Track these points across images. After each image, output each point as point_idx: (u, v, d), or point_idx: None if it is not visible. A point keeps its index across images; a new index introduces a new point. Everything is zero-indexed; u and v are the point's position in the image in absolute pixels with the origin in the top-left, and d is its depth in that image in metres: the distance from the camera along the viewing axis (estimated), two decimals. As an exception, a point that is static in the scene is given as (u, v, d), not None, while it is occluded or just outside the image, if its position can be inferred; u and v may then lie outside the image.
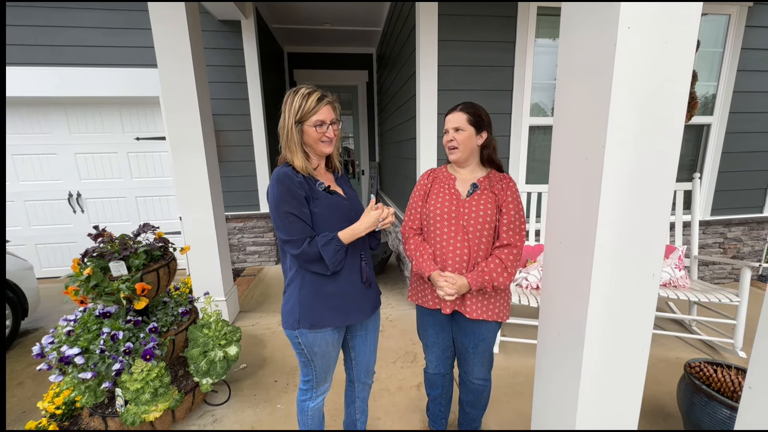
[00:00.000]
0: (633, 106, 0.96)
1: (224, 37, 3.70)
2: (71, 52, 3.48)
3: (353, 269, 1.30)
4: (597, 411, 1.17)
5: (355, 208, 1.35)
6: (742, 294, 2.23)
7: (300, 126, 1.21)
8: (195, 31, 2.45)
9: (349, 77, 5.77)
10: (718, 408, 1.51)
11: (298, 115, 1.20)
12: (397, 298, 3.35)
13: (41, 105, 3.68)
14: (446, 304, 1.40)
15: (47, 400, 1.87)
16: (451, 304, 1.40)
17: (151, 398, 1.61)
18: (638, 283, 1.08)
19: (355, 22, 4.53)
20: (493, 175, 1.42)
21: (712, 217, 3.35)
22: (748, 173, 3.30)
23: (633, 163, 0.99)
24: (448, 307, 1.40)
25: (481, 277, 1.32)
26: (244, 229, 4.17)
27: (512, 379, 2.17)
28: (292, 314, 1.26)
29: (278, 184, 1.18)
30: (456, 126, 1.37)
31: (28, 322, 3.02)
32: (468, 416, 1.64)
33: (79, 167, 3.90)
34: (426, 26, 2.58)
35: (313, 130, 1.22)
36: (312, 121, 1.21)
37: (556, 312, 1.25)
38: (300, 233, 1.19)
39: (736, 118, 3.15)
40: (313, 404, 1.42)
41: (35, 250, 3.99)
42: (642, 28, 0.92)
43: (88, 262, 1.61)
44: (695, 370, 1.67)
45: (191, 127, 2.47)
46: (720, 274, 3.54)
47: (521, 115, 2.85)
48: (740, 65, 3.04)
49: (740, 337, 2.31)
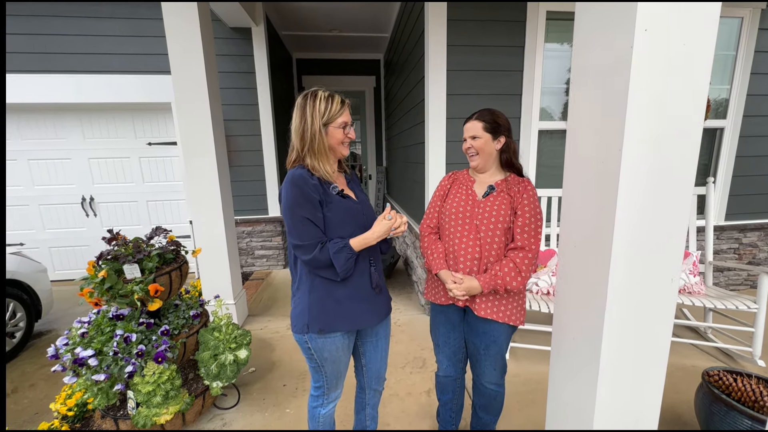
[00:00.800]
0: (650, 108, 0.95)
1: (235, 44, 3.76)
2: (86, 60, 3.57)
3: (363, 274, 1.29)
4: (615, 418, 1.14)
5: (366, 212, 1.34)
6: (761, 301, 2.17)
7: (326, 128, 1.21)
8: (207, 38, 2.49)
9: (357, 83, 5.81)
10: (738, 418, 1.46)
11: (325, 118, 1.19)
12: (405, 303, 3.34)
13: (57, 111, 3.77)
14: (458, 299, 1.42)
15: (59, 401, 1.89)
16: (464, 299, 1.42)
17: (163, 401, 1.61)
18: (657, 287, 1.06)
19: (363, 28, 4.57)
20: (512, 178, 1.44)
21: (726, 222, 3.29)
22: (763, 177, 3.24)
23: (651, 166, 0.98)
24: (460, 301, 1.42)
25: (494, 280, 1.32)
26: (253, 233, 4.19)
27: (524, 386, 2.13)
28: (301, 318, 1.25)
29: (293, 186, 1.16)
30: (472, 134, 1.41)
31: (41, 324, 3.06)
32: (481, 421, 1.62)
33: (92, 172, 3.97)
34: (435, 31, 2.59)
35: (340, 132, 1.22)
36: (338, 122, 1.21)
37: (572, 317, 1.23)
38: (312, 238, 1.17)
39: (750, 121, 3.10)
40: (324, 411, 1.41)
41: (49, 253, 4.06)
42: (659, 30, 0.92)
43: (102, 264, 1.63)
44: (714, 378, 1.63)
45: (203, 131, 2.50)
46: (735, 280, 3.46)
47: (530, 119, 2.84)
48: (753, 68, 3.00)
49: (759, 346, 2.24)
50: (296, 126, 1.21)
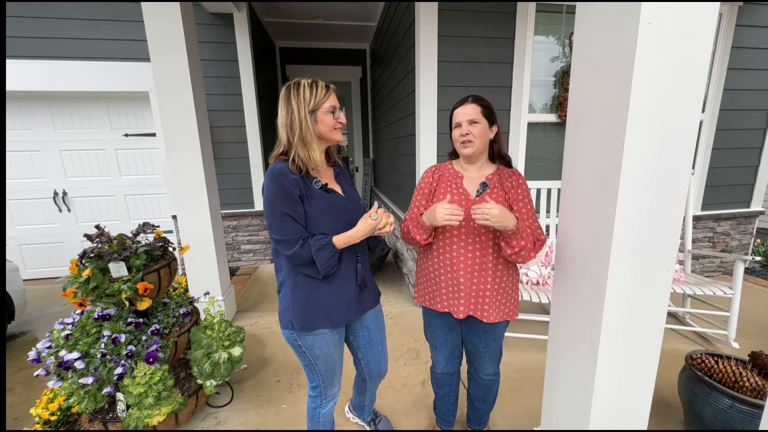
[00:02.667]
0: (652, 101, 0.96)
1: (216, 30, 3.60)
2: (54, 45, 3.34)
3: (348, 271, 1.27)
4: (611, 403, 1.18)
5: (353, 207, 1.30)
6: (736, 287, 2.29)
7: (314, 115, 1.17)
8: (189, 22, 2.37)
9: (343, 73, 5.70)
10: (719, 398, 1.55)
11: (311, 105, 1.16)
12: (396, 296, 3.34)
13: (24, 99, 3.53)
14: (459, 310, 1.32)
15: (41, 406, 1.81)
16: (464, 309, 1.32)
17: (155, 402, 1.56)
18: (653, 277, 1.09)
19: (349, 16, 4.47)
20: (502, 171, 1.37)
21: (702, 212, 3.44)
22: (737, 169, 3.39)
23: (652, 159, 0.99)
24: (461, 312, 1.32)
25: (527, 234, 1.24)
26: (239, 228, 4.09)
27: (515, 374, 2.19)
28: (285, 314, 1.25)
29: (273, 180, 1.14)
30: (471, 118, 1.30)
31: (14, 325, 2.90)
32: (477, 411, 1.64)
33: (65, 164, 3.76)
34: (426, 20, 2.55)
35: (329, 117, 1.19)
36: (326, 107, 1.18)
37: (570, 306, 1.26)
38: (293, 234, 1.15)
39: (726, 115, 3.23)
40: (324, 411, 1.40)
41: (19, 251, 3.84)
42: (663, 24, 0.92)
43: (86, 263, 1.55)
44: (697, 361, 1.71)
45: (187, 123, 2.39)
46: (709, 267, 3.64)
47: (520, 111, 2.86)
48: (730, 63, 3.12)
49: (733, 329, 2.37)
50: (282, 119, 1.17)
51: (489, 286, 1.32)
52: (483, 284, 1.32)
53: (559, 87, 2.93)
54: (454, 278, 1.32)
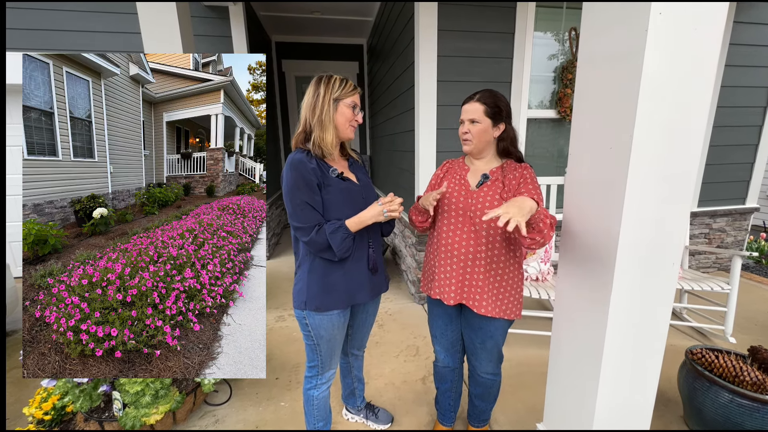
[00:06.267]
0: (661, 93, 0.95)
1: (211, 24, 3.53)
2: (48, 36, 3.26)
3: (360, 255, 1.33)
4: (617, 401, 1.17)
5: (367, 194, 1.37)
6: (733, 282, 2.31)
7: (336, 103, 1.24)
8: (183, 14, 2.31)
9: (339, 68, 5.64)
10: (720, 392, 1.55)
11: (337, 93, 1.24)
12: (395, 292, 3.33)
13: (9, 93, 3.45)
14: (450, 297, 1.35)
15: (34, 405, 1.76)
16: (455, 296, 1.34)
17: (152, 401, 1.54)
18: (660, 271, 1.08)
19: (346, 11, 4.42)
20: (509, 165, 1.35)
21: (699, 208, 3.46)
22: (733, 165, 3.41)
23: (660, 152, 0.98)
24: (452, 299, 1.35)
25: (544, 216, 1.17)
26: (235, 224, 4.04)
27: (515, 370, 2.18)
28: (300, 295, 1.31)
29: (292, 170, 1.21)
30: (472, 117, 1.31)
31: (5, 324, 2.84)
32: (477, 409, 1.64)
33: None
34: (426, 14, 2.52)
35: (349, 111, 1.27)
36: (349, 101, 1.26)
37: (575, 300, 1.25)
38: (310, 221, 1.22)
39: (723, 112, 3.24)
40: (317, 393, 1.44)
41: (9, 249, 3.76)
42: (674, 14, 0.91)
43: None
44: (697, 356, 1.72)
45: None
46: (705, 263, 3.67)
47: (519, 107, 2.85)
48: (728, 60, 3.12)
49: (730, 324, 2.39)
50: (308, 101, 1.26)
51: (482, 276, 1.32)
52: (476, 273, 1.32)
53: (558, 83, 2.92)
54: (446, 264, 1.36)
